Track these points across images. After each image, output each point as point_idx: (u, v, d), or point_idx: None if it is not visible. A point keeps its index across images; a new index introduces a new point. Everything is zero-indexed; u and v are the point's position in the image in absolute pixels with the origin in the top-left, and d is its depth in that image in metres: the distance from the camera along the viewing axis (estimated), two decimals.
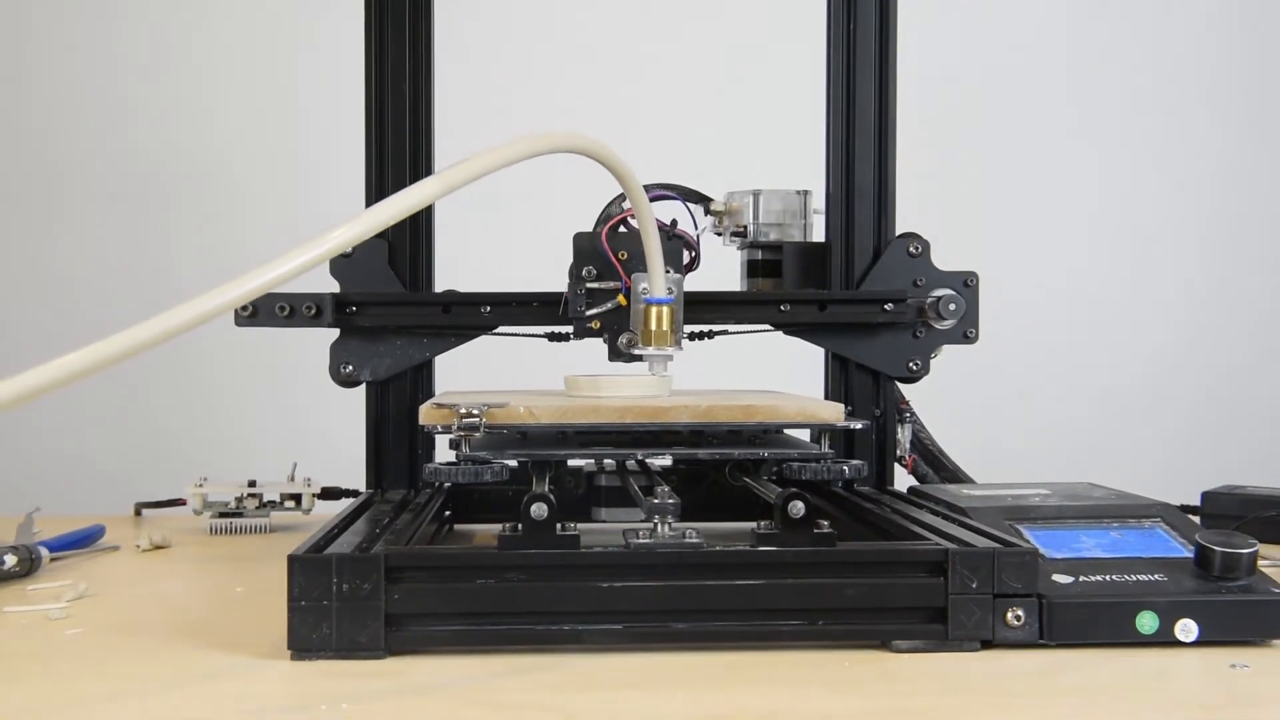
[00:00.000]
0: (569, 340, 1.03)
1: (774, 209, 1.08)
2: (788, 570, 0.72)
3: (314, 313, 1.02)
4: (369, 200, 1.06)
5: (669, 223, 1.00)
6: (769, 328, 1.06)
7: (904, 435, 1.08)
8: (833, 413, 0.87)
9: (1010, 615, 0.72)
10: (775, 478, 0.91)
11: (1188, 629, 0.72)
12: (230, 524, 1.16)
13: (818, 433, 0.93)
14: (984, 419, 1.80)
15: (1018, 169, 1.89)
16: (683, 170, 1.09)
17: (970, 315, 1.05)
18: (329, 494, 1.19)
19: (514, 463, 0.83)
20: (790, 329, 1.06)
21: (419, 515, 0.90)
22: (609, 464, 1.05)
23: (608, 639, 0.71)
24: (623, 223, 0.98)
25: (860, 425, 0.89)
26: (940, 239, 1.07)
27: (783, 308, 1.05)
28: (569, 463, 1.05)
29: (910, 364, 1.06)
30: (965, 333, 1.05)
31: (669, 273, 0.95)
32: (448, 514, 1.07)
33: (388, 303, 1.04)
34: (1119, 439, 1.88)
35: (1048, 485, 0.94)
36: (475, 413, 0.81)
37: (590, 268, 0.98)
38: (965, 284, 1.05)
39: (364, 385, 1.06)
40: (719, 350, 1.07)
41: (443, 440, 0.85)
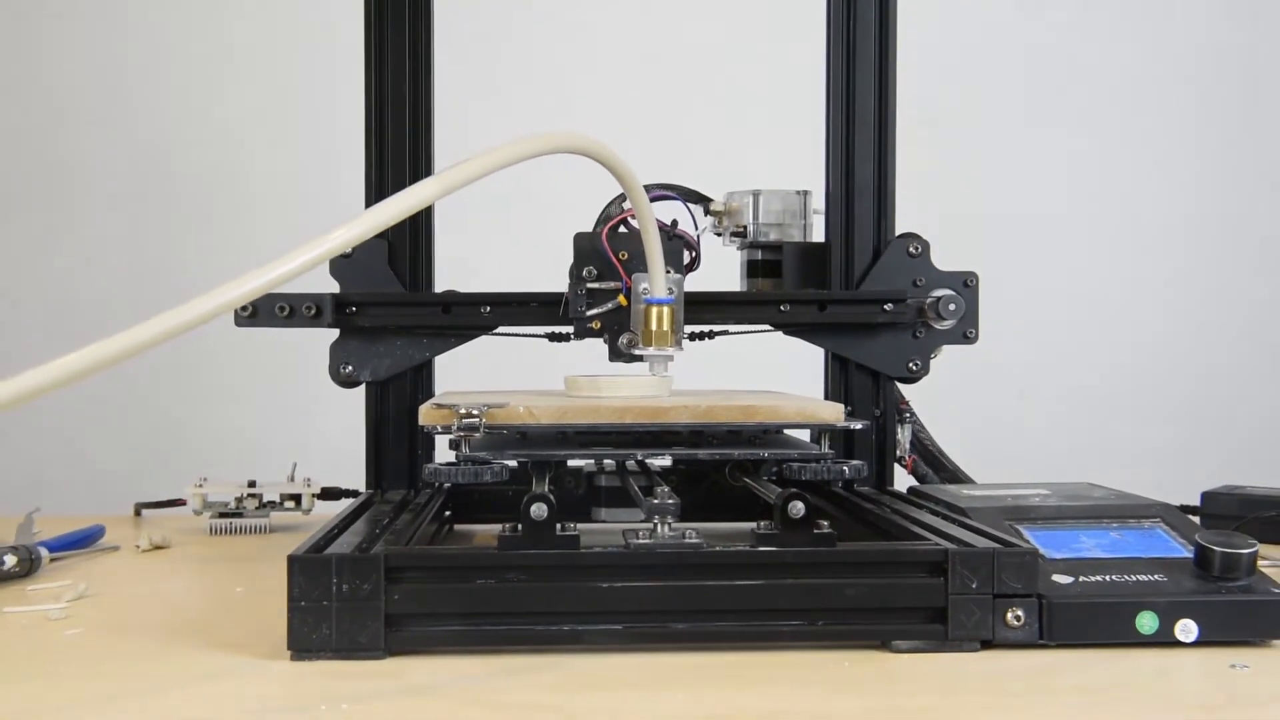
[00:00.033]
0: (569, 340, 1.03)
1: (774, 209, 1.08)
2: (788, 570, 0.72)
3: (314, 313, 1.02)
4: (369, 200, 1.06)
5: (669, 223, 1.00)
6: (769, 328, 1.06)
7: (904, 435, 1.08)
8: (833, 413, 0.87)
9: (1010, 615, 0.72)
10: (775, 478, 0.91)
11: (1188, 629, 0.72)
12: (230, 524, 1.16)
13: (818, 433, 0.93)
14: (984, 419, 1.80)
15: (1018, 169, 1.89)
16: (682, 170, 1.09)
17: (970, 315, 1.05)
18: (329, 494, 1.19)
19: (514, 463, 0.82)
20: (790, 329, 1.06)
21: (419, 515, 0.90)
22: (609, 464, 1.05)
23: (608, 639, 0.71)
24: (623, 223, 0.98)
25: (860, 425, 0.89)
26: (940, 239, 1.07)
27: (782, 308, 1.05)
28: (569, 463, 1.05)
29: (910, 364, 1.06)
30: (965, 333, 1.05)
31: (669, 273, 0.95)
32: (448, 514, 1.07)
33: (388, 303, 1.04)
34: (1119, 439, 1.88)
35: (1047, 485, 0.94)
36: (475, 413, 0.81)
37: (591, 268, 0.98)
38: (965, 284, 1.05)
39: (364, 385, 1.06)
40: (719, 350, 1.07)
41: (443, 440, 0.85)
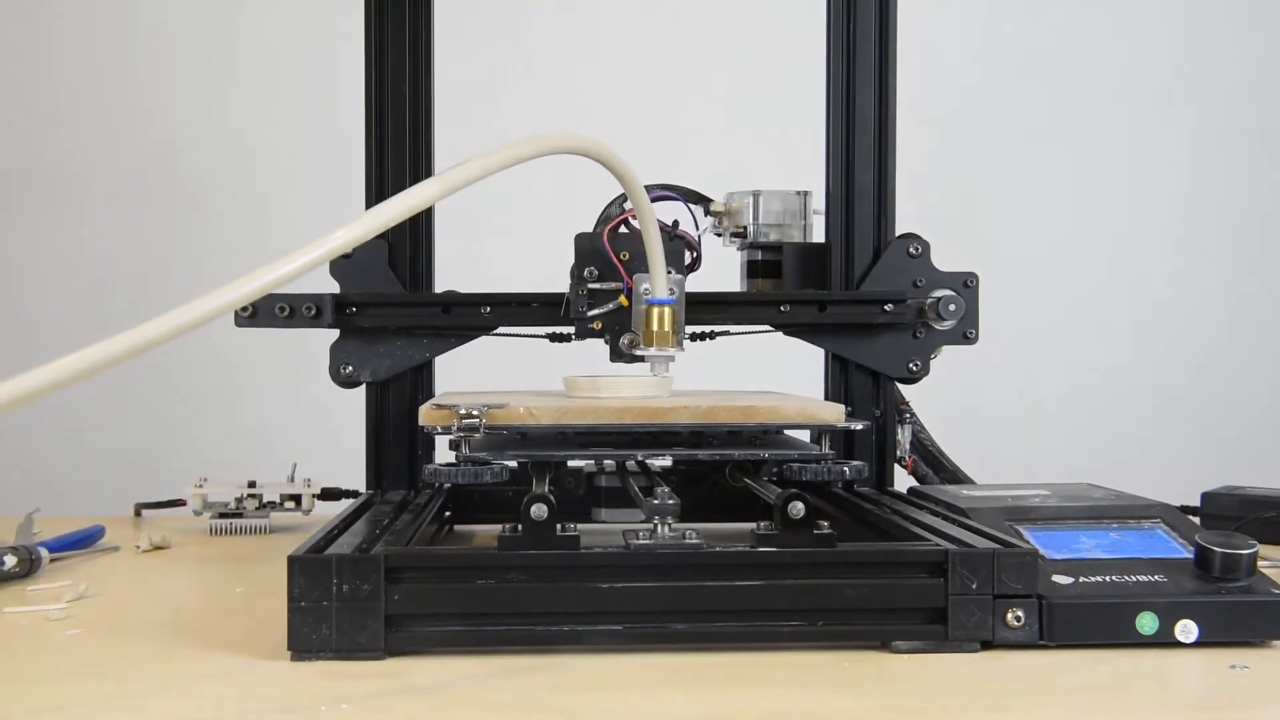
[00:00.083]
0: (570, 341, 1.03)
1: (774, 209, 1.08)
2: (788, 571, 0.72)
3: (314, 313, 1.02)
4: (369, 201, 1.06)
5: (670, 223, 0.99)
6: (769, 328, 1.06)
7: (904, 436, 1.07)
8: (833, 413, 0.87)
9: (1010, 616, 0.72)
10: (775, 478, 0.91)
11: (1187, 630, 0.72)
12: (230, 524, 1.16)
13: (818, 433, 0.93)
14: (984, 419, 1.80)
15: (1018, 169, 1.89)
16: (683, 170, 1.09)
17: (970, 316, 1.05)
18: (329, 495, 1.19)
19: (514, 463, 0.82)
20: (790, 329, 1.06)
21: (419, 516, 0.90)
22: (609, 465, 1.05)
23: (608, 640, 0.71)
24: (624, 223, 0.98)
25: (860, 426, 0.89)
26: (940, 239, 1.07)
27: (782, 308, 1.05)
28: (569, 463, 1.05)
29: (910, 364, 1.06)
30: (965, 333, 1.05)
31: (670, 273, 0.95)
32: (448, 515, 1.07)
33: (388, 303, 1.04)
34: (1119, 439, 1.88)
35: (1047, 486, 0.94)
36: (475, 413, 0.80)
37: (592, 268, 0.98)
38: (965, 285, 1.05)
39: (364, 386, 1.06)
40: (719, 351, 1.07)
41: (443, 441, 0.85)
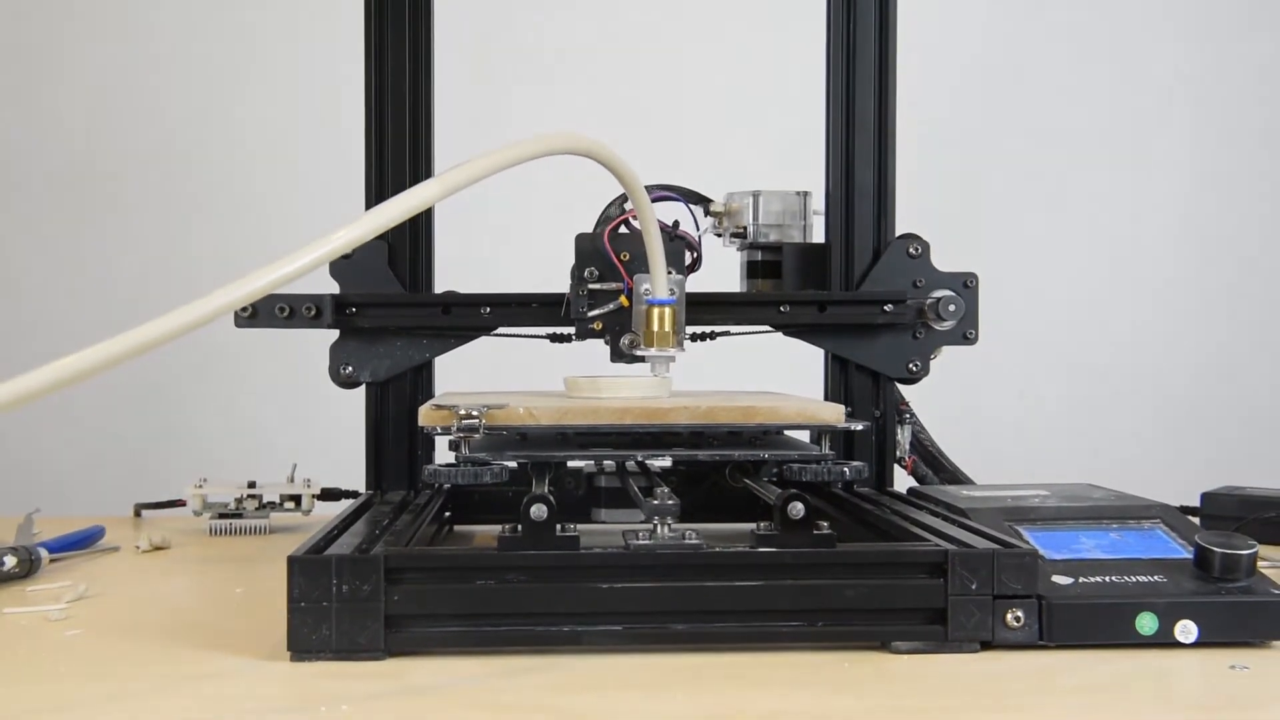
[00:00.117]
0: (571, 341, 1.03)
1: (774, 210, 1.08)
2: (787, 571, 0.72)
3: (314, 314, 1.02)
4: (369, 201, 1.06)
5: (671, 224, 0.99)
6: (769, 329, 1.06)
7: (903, 436, 1.08)
8: (833, 414, 0.87)
9: (1010, 616, 0.72)
10: (775, 479, 0.91)
11: (1187, 630, 0.72)
12: (230, 525, 1.16)
13: (818, 434, 0.93)
14: (984, 420, 1.80)
15: (1018, 169, 1.89)
16: (683, 170, 1.09)
17: (970, 316, 1.05)
18: (328, 495, 1.19)
19: (513, 464, 0.82)
20: (790, 330, 1.06)
21: (419, 516, 0.90)
22: (609, 465, 1.05)
23: (607, 640, 0.71)
24: (624, 223, 0.98)
25: (860, 426, 0.89)
26: (940, 240, 1.07)
27: (782, 309, 1.05)
28: (569, 464, 1.05)
29: (910, 365, 1.06)
30: (965, 334, 1.05)
31: (671, 274, 0.95)
32: (447, 515, 1.07)
33: (387, 304, 1.04)
34: (1119, 440, 1.88)
35: (1047, 486, 0.94)
36: (475, 414, 0.80)
37: (592, 269, 0.98)
38: (965, 285, 1.05)
39: (364, 386, 1.06)
40: (718, 351, 1.07)
41: (442, 441, 0.85)
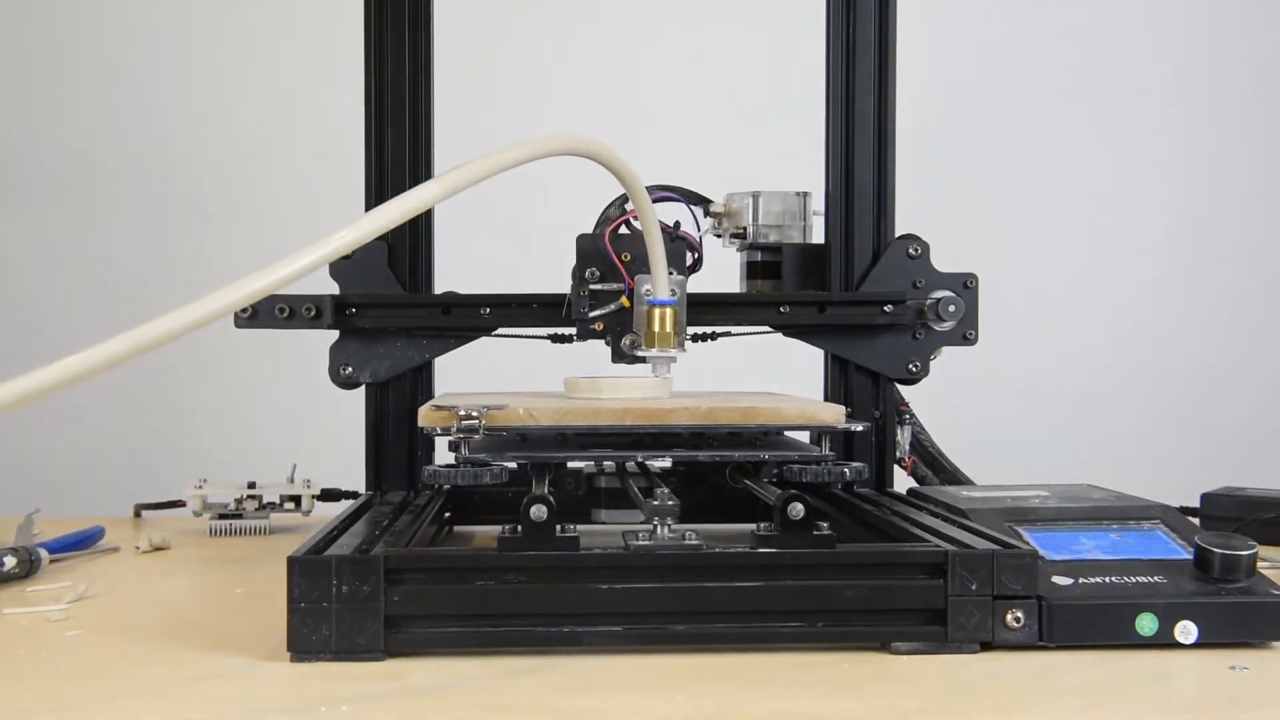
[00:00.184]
0: (572, 342, 1.03)
1: (773, 210, 1.08)
2: (787, 572, 0.72)
3: (313, 314, 1.02)
4: (369, 202, 1.06)
5: (672, 224, 0.99)
6: (768, 329, 1.06)
7: (903, 437, 1.08)
8: (833, 415, 0.87)
9: (1010, 617, 0.72)
10: (775, 480, 0.91)
11: (1187, 631, 0.72)
12: (230, 525, 1.16)
13: (818, 435, 0.93)
14: (983, 420, 1.79)
15: (1018, 170, 1.89)
16: (683, 171, 1.09)
17: (970, 317, 1.05)
18: (328, 496, 1.19)
19: (513, 465, 0.82)
20: (790, 330, 1.06)
21: (418, 517, 0.90)
22: (609, 466, 1.05)
23: (607, 641, 0.71)
24: (625, 224, 0.98)
25: (860, 427, 0.89)
26: (940, 240, 1.07)
27: (782, 309, 1.05)
28: (569, 464, 1.05)
29: (910, 365, 1.06)
30: (965, 334, 1.05)
31: (672, 274, 0.95)
32: (447, 516, 1.07)
33: (387, 304, 1.04)
34: (1119, 440, 1.88)
35: (1047, 487, 0.94)
36: (474, 415, 0.80)
37: (594, 269, 0.98)
38: (965, 285, 1.05)
39: (364, 387, 1.06)
40: (718, 352, 1.07)
41: (442, 442, 0.85)
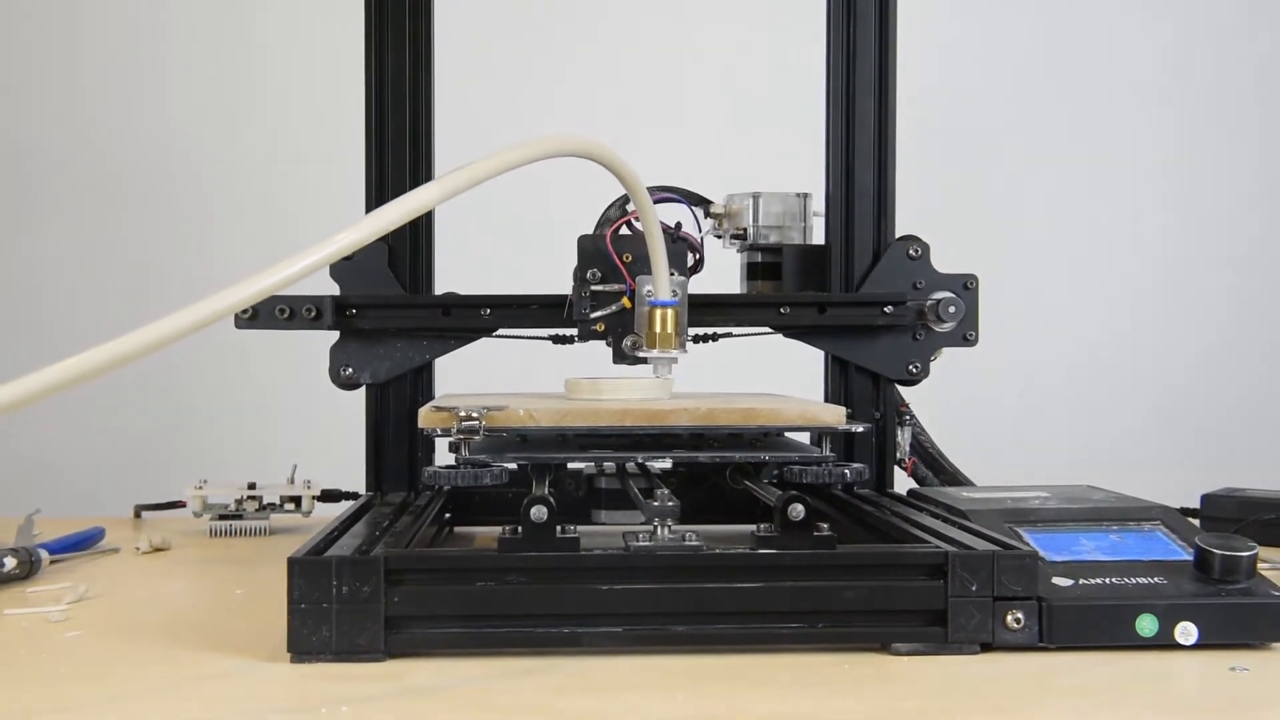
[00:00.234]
0: (573, 342, 1.03)
1: (774, 211, 1.08)
2: (787, 573, 0.72)
3: (314, 315, 1.02)
4: (369, 203, 1.06)
5: (673, 225, 0.99)
6: (769, 330, 1.06)
7: (904, 438, 1.08)
8: (834, 416, 0.87)
9: (1010, 618, 0.72)
10: (775, 481, 0.91)
11: (1187, 632, 0.72)
12: (230, 526, 1.16)
13: (818, 436, 0.93)
14: (984, 421, 1.79)
15: (1018, 170, 1.89)
16: (683, 171, 1.09)
17: (970, 318, 1.05)
18: (329, 496, 1.19)
19: (514, 466, 0.82)
20: (790, 331, 1.06)
21: (419, 518, 0.90)
22: (609, 466, 1.05)
23: (607, 642, 0.71)
24: (626, 225, 0.98)
25: (860, 428, 0.89)
26: (940, 240, 1.07)
27: (782, 310, 1.05)
28: (569, 465, 1.05)
29: (910, 366, 1.06)
30: (965, 335, 1.05)
31: (673, 275, 0.95)
32: (447, 516, 1.07)
33: (388, 305, 1.04)
34: (1119, 441, 1.88)
35: (1047, 488, 0.94)
36: (475, 415, 0.80)
37: (595, 270, 0.98)
38: (965, 286, 1.05)
39: (364, 388, 1.06)
40: (718, 353, 1.07)
41: (442, 443, 0.85)
